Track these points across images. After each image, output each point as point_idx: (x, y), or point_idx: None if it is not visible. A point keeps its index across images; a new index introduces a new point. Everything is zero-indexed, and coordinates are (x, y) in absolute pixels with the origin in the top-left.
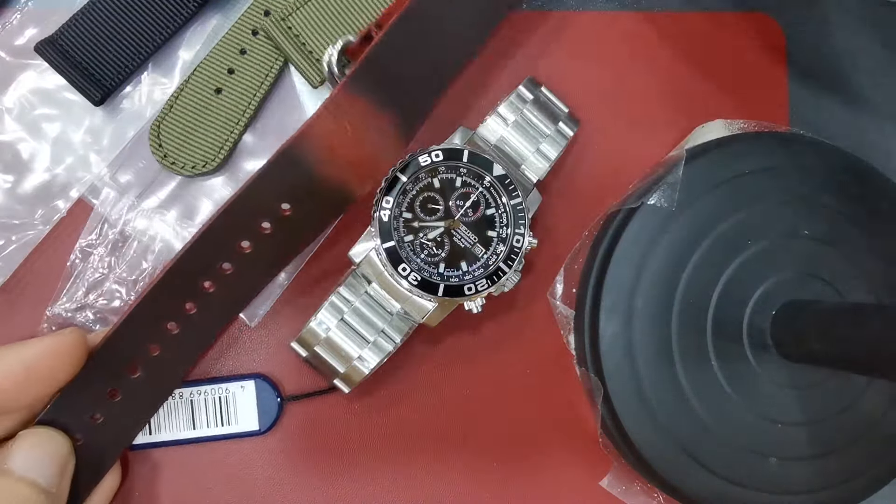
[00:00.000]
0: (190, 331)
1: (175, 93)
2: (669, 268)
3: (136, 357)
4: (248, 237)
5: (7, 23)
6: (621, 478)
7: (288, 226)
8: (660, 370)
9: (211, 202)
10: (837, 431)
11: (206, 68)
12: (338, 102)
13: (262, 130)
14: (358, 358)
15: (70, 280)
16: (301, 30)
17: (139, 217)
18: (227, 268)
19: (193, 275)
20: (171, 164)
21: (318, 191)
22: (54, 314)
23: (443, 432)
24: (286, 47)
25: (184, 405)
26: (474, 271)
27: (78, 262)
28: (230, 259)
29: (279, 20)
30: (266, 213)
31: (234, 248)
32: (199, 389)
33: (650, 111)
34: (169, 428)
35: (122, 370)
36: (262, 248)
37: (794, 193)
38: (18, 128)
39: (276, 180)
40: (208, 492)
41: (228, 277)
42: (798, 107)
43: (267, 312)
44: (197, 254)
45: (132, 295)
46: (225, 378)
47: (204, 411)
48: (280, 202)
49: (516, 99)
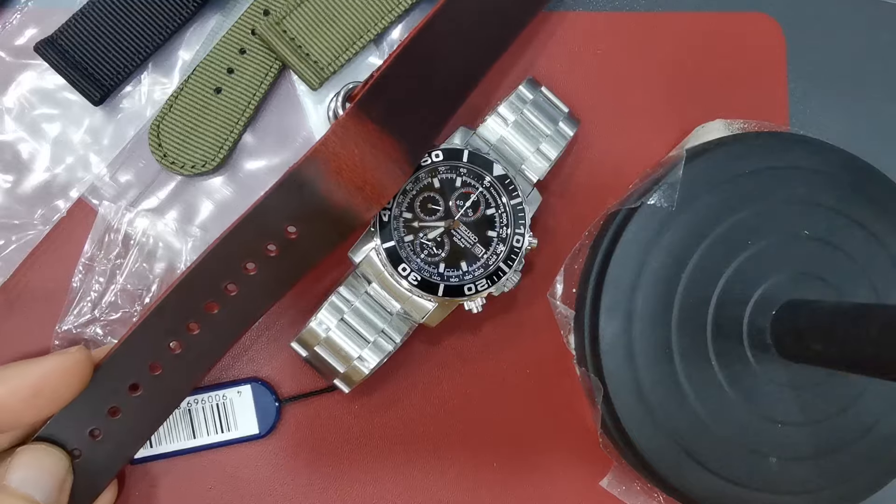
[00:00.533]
0: (193, 351)
1: (175, 93)
2: (669, 268)
3: (139, 375)
4: (253, 259)
5: (7, 23)
6: (621, 478)
7: (294, 249)
8: (660, 370)
9: (211, 202)
10: (837, 431)
11: (205, 68)
12: (346, 126)
13: (262, 130)
14: (358, 358)
15: (76, 295)
16: (297, 33)
17: (139, 218)
18: (232, 289)
19: (198, 295)
20: (171, 164)
21: (324, 214)
22: (64, 331)
23: (443, 432)
24: (283, 52)
25: (182, 415)
26: (474, 271)
27: (81, 276)
28: (236, 280)
29: (274, 24)
30: (272, 236)
31: (239, 269)
32: (195, 398)
33: (650, 111)
34: (169, 439)
35: (124, 388)
36: (268, 270)
37: (794, 193)
38: (18, 128)
39: (283, 202)
40: (214, 499)
41: (233, 299)
42: (798, 107)
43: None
44: (202, 274)
45: (137, 306)
46: (221, 384)
47: (203, 419)
48: (286, 224)
49: (516, 99)
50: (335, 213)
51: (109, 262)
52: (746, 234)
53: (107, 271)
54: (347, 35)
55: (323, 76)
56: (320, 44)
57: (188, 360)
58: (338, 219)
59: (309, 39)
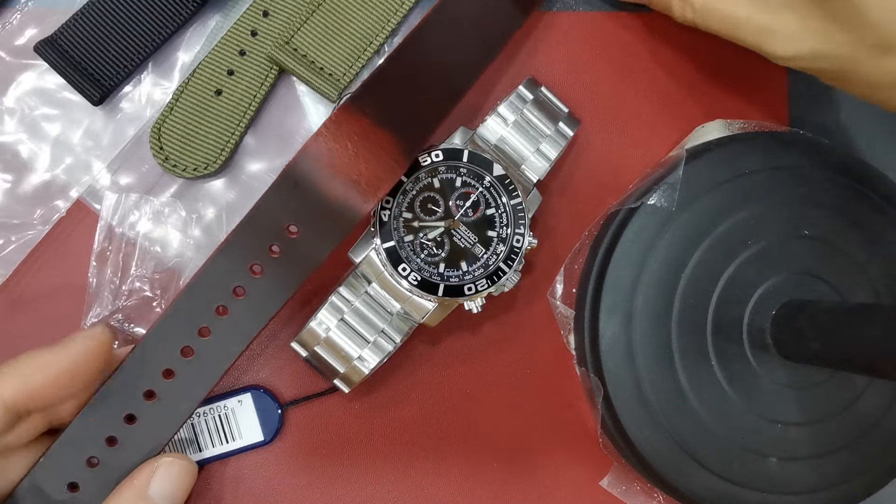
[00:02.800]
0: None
1: (175, 95)
2: (669, 268)
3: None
4: (258, 261)
5: (7, 23)
6: (621, 478)
7: (297, 248)
8: (660, 370)
9: (214, 205)
10: (837, 431)
11: (205, 70)
12: (338, 122)
13: (262, 131)
14: (358, 358)
15: (94, 289)
16: (308, 49)
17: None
18: (241, 292)
19: (206, 298)
20: (173, 167)
21: (322, 210)
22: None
23: (443, 432)
24: (297, 70)
25: (186, 430)
26: (474, 271)
27: (95, 271)
28: (244, 283)
29: (283, 44)
30: (274, 236)
31: (246, 272)
32: (197, 412)
33: (650, 111)
34: None
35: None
36: (274, 271)
37: (794, 193)
38: (18, 128)
39: (281, 201)
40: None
41: (241, 303)
42: (798, 107)
43: None
44: (209, 277)
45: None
46: (221, 395)
47: (207, 432)
48: (286, 223)
49: (516, 99)
50: (333, 208)
51: (120, 251)
52: (746, 234)
53: (119, 262)
54: (357, 43)
55: (339, 86)
56: (332, 56)
57: (201, 367)
58: (336, 214)
59: (320, 53)
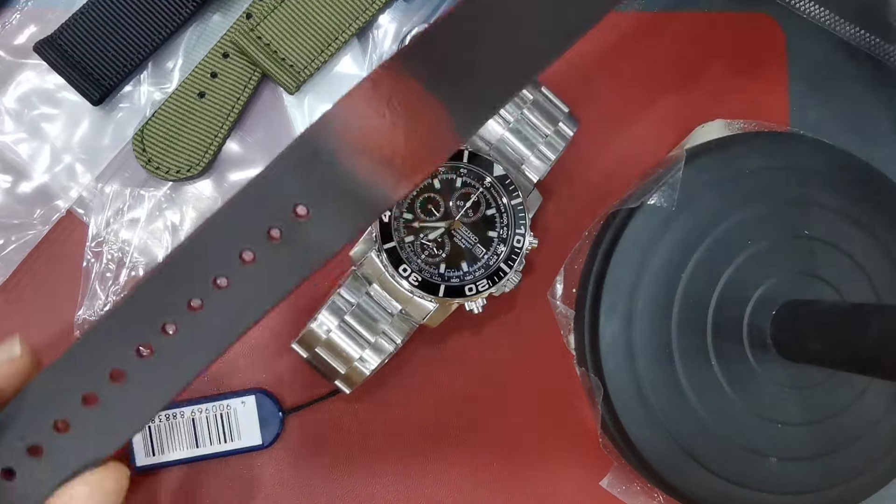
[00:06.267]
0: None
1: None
2: (669, 268)
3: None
4: (251, 247)
5: (7, 22)
6: (621, 478)
7: (304, 233)
8: (660, 370)
9: (203, 206)
10: (837, 431)
11: (191, 74)
12: (377, 81)
13: (247, 136)
14: (359, 359)
15: (88, 282)
16: (272, 38)
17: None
18: (223, 283)
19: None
20: (156, 170)
21: (342, 190)
22: (83, 320)
23: (443, 432)
24: (259, 58)
25: (185, 424)
26: (475, 272)
27: (91, 263)
28: (227, 273)
29: (248, 31)
30: (277, 216)
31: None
32: (199, 407)
33: (650, 111)
34: (172, 447)
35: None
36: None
37: (794, 193)
38: (18, 128)
39: (292, 173)
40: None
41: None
42: (798, 107)
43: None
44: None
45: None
46: (225, 395)
47: (206, 428)
48: (295, 202)
49: (516, 99)
50: (357, 189)
51: (116, 243)
52: (746, 234)
53: (114, 255)
54: (323, 37)
55: (299, 80)
56: (295, 47)
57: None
58: (360, 198)
59: (284, 44)
